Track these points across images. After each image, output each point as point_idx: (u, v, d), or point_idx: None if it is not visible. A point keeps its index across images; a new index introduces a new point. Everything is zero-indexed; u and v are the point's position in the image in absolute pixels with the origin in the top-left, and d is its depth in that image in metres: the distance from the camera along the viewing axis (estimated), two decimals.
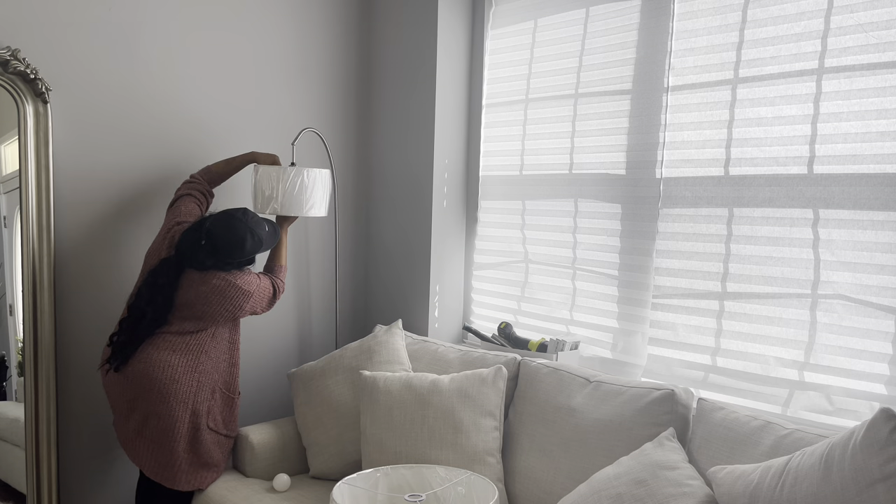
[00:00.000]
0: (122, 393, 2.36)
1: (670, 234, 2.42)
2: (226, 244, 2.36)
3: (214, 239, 2.35)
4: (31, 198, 2.40)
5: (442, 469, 2.04)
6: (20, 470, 2.48)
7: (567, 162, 2.72)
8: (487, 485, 1.94)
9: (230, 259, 2.40)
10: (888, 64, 1.95)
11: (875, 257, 1.99)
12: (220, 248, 2.36)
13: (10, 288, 2.46)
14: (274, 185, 2.59)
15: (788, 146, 2.14)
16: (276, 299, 2.57)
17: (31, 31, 2.40)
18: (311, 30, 3.07)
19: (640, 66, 2.48)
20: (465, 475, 2.00)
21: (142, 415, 2.34)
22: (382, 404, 2.36)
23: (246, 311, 2.46)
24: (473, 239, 3.11)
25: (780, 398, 2.18)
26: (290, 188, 2.59)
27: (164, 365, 2.33)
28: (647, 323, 2.49)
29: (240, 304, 2.42)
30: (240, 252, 2.39)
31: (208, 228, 2.36)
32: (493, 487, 1.92)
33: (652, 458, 1.85)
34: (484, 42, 3.01)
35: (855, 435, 1.54)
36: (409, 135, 3.08)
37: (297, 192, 2.60)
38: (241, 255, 2.41)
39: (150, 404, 2.32)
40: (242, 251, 2.39)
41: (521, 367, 2.46)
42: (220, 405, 2.48)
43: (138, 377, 2.32)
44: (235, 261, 2.42)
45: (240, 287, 2.40)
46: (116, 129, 2.60)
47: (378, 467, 2.04)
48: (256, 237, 2.41)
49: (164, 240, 2.44)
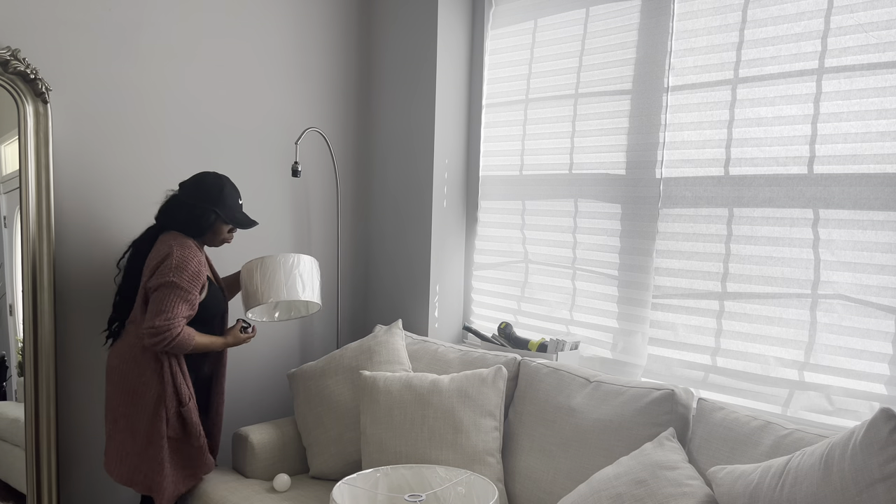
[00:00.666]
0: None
1: (670, 234, 2.42)
2: (194, 190, 2.35)
3: (185, 187, 2.36)
4: (31, 198, 2.40)
5: (442, 469, 2.04)
6: (20, 470, 2.48)
7: (567, 162, 2.72)
8: (487, 485, 1.94)
9: (192, 210, 2.33)
10: (888, 64, 1.95)
11: (875, 257, 1.99)
12: (187, 196, 2.34)
13: (10, 288, 2.46)
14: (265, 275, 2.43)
15: (788, 146, 2.14)
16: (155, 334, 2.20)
17: (31, 31, 2.40)
18: (312, 30, 3.07)
19: (640, 66, 2.48)
20: (465, 475, 2.00)
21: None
22: (382, 404, 2.36)
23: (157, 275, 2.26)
24: (473, 239, 3.11)
25: (780, 398, 2.18)
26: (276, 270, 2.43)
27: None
28: (647, 323, 2.49)
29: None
30: (204, 200, 2.33)
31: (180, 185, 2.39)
32: (493, 487, 1.92)
33: (652, 458, 1.85)
34: (484, 42, 3.01)
35: (855, 435, 1.53)
36: (409, 135, 3.08)
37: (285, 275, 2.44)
38: (204, 206, 2.33)
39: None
40: (207, 200, 2.33)
41: (521, 367, 2.46)
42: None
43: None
44: (197, 213, 2.33)
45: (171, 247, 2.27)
46: (116, 129, 2.60)
47: (378, 467, 2.04)
48: (228, 190, 2.37)
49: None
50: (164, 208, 2.39)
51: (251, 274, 2.43)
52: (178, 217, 2.35)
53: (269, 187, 3.00)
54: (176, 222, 2.36)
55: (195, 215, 2.34)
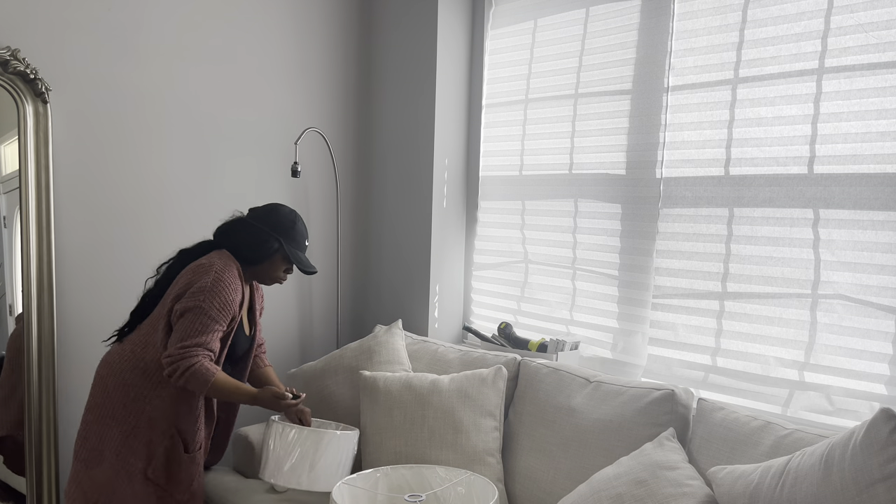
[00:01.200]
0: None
1: (670, 234, 2.42)
2: (265, 219, 2.18)
3: (257, 215, 2.19)
4: (31, 198, 2.40)
5: (442, 469, 2.04)
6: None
7: (567, 162, 2.72)
8: (487, 485, 1.94)
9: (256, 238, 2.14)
10: (888, 64, 1.95)
11: (875, 257, 1.99)
12: (258, 222, 2.16)
13: (10, 288, 2.46)
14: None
15: (788, 146, 2.14)
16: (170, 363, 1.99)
17: (31, 31, 2.40)
18: (311, 30, 3.07)
19: (640, 66, 2.48)
20: (465, 475, 2.00)
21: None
22: (382, 404, 2.36)
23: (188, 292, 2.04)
24: (473, 239, 3.11)
25: (780, 398, 2.18)
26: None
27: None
28: (647, 323, 2.49)
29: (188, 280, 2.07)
30: (269, 236, 2.14)
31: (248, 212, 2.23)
32: (493, 487, 1.92)
33: (652, 458, 1.85)
34: (484, 42, 3.01)
35: (855, 435, 1.53)
36: (409, 135, 3.08)
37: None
38: (268, 239, 2.14)
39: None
40: (294, 222, 2.19)
41: (521, 368, 2.46)
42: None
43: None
44: (259, 242, 2.14)
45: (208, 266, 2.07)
46: (116, 129, 2.60)
47: (378, 467, 2.04)
48: (299, 227, 2.21)
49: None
50: (226, 227, 2.20)
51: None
52: (238, 238, 2.15)
53: (269, 188, 3.00)
54: (233, 243, 2.15)
55: (259, 240, 2.14)
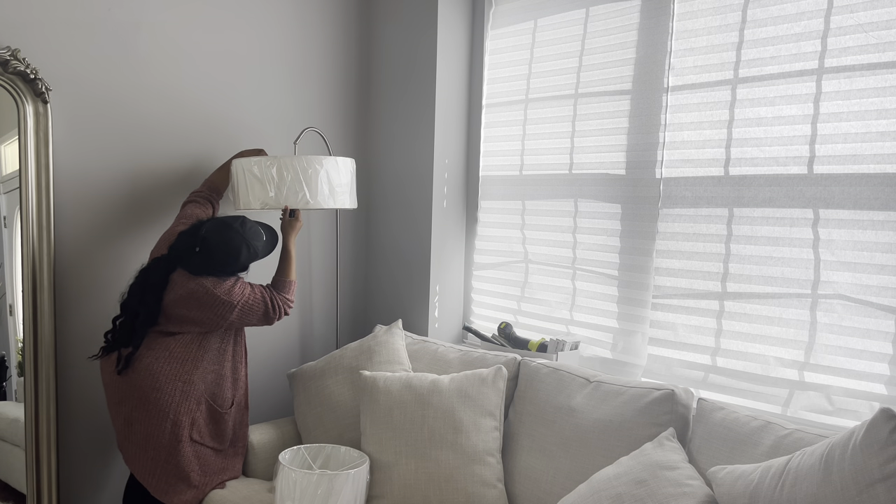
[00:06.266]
0: (113, 394, 2.36)
1: (670, 234, 2.42)
2: (221, 254, 2.33)
3: (209, 247, 2.33)
4: (31, 198, 2.40)
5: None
6: (20, 470, 2.48)
7: (567, 162, 2.72)
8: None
9: (223, 269, 2.36)
10: (888, 64, 1.95)
11: (875, 257, 1.99)
12: (215, 257, 2.33)
13: (10, 288, 2.46)
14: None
15: (788, 146, 2.14)
16: (274, 316, 2.44)
17: (31, 31, 2.40)
18: (311, 30, 3.07)
19: (640, 66, 2.48)
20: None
21: (126, 418, 2.34)
22: (382, 404, 2.36)
23: (231, 322, 2.36)
24: (473, 239, 3.11)
25: (780, 398, 2.18)
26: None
27: (147, 372, 2.30)
28: (647, 323, 2.49)
29: (220, 313, 2.33)
30: (234, 263, 2.36)
31: (204, 236, 2.34)
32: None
33: (652, 458, 1.85)
34: (484, 42, 3.00)
35: (855, 435, 1.54)
36: (409, 135, 3.08)
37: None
38: (235, 266, 2.38)
39: (132, 409, 2.31)
40: (237, 262, 2.36)
41: (521, 367, 2.46)
42: (206, 417, 2.39)
43: (124, 381, 2.32)
44: (228, 270, 2.38)
45: (218, 297, 2.31)
46: (116, 129, 2.60)
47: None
48: (252, 249, 2.38)
49: (165, 244, 2.43)
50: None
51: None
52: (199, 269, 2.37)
53: None
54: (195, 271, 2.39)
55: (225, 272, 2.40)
